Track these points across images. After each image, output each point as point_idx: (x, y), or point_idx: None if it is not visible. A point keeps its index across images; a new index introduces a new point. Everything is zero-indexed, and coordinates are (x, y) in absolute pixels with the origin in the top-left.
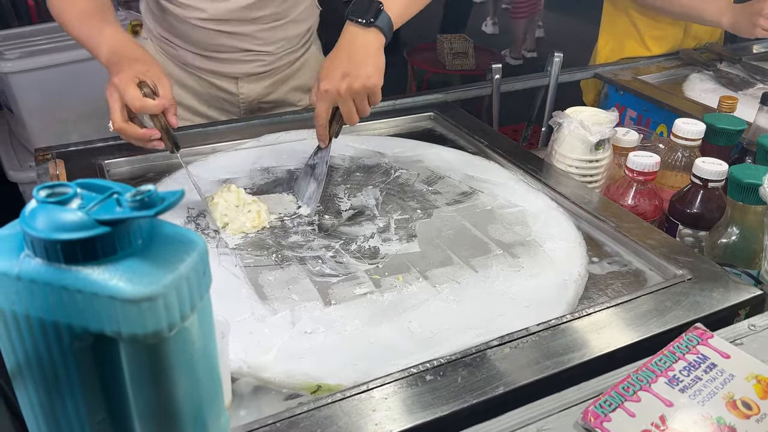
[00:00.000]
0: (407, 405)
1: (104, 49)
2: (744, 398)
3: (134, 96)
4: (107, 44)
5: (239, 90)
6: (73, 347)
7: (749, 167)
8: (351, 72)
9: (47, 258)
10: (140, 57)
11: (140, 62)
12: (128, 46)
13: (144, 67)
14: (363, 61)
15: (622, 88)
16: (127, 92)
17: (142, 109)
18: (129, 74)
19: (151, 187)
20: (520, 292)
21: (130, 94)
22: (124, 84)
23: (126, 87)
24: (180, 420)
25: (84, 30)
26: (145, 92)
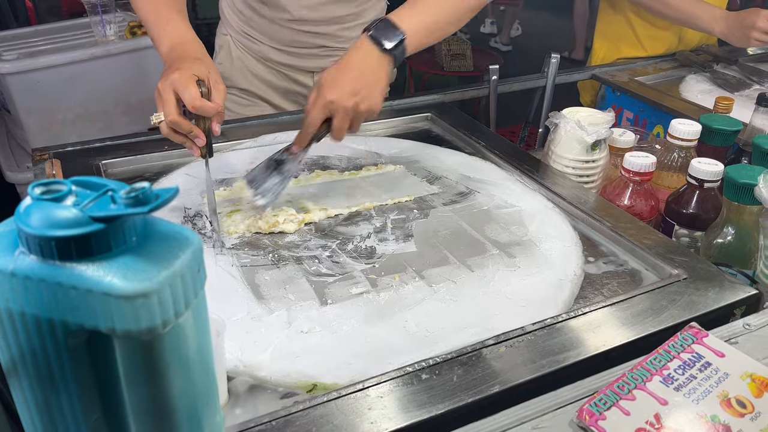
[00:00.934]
0: (403, 404)
1: (167, 42)
2: (738, 397)
3: (194, 94)
4: (171, 37)
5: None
6: (68, 344)
7: (745, 167)
8: (361, 92)
9: (42, 255)
10: (202, 57)
11: (202, 63)
12: (192, 44)
13: (205, 69)
14: (374, 84)
15: (619, 89)
16: (187, 89)
17: (200, 108)
18: (189, 72)
19: (146, 184)
20: (516, 291)
21: (191, 91)
22: (185, 80)
23: (187, 83)
24: (175, 417)
25: (153, 14)
26: (202, 92)
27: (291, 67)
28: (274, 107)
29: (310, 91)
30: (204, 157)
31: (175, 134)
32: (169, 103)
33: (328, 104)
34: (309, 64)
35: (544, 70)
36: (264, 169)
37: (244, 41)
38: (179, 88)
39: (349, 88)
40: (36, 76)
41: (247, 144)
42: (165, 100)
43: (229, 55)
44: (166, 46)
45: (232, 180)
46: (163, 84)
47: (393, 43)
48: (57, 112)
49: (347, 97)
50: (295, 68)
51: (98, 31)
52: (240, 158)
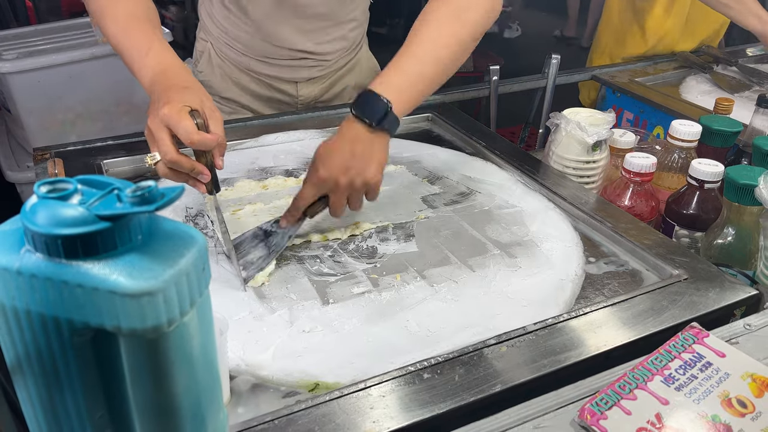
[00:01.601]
0: (405, 403)
1: (148, 73)
2: (739, 396)
3: (191, 128)
4: (152, 67)
5: (298, 93)
6: (73, 342)
7: (745, 168)
8: (354, 167)
9: (48, 253)
10: (191, 85)
11: (192, 91)
12: (177, 70)
13: (197, 97)
14: (367, 158)
15: (619, 90)
16: (181, 123)
17: (199, 142)
18: (180, 104)
19: (152, 183)
20: (517, 291)
21: (185, 125)
22: (177, 113)
23: (180, 117)
24: (179, 415)
25: (128, 40)
26: (198, 123)
27: (274, 77)
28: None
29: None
30: (211, 193)
31: (176, 174)
32: (164, 141)
33: (321, 181)
34: (292, 74)
35: (545, 71)
36: (252, 238)
37: (224, 49)
38: (172, 123)
39: (341, 165)
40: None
41: (248, 144)
42: (158, 139)
43: (209, 62)
44: (147, 78)
45: (233, 180)
46: (153, 121)
47: (377, 118)
48: (57, 112)
49: (340, 173)
50: (279, 78)
51: (98, 31)
52: (241, 158)
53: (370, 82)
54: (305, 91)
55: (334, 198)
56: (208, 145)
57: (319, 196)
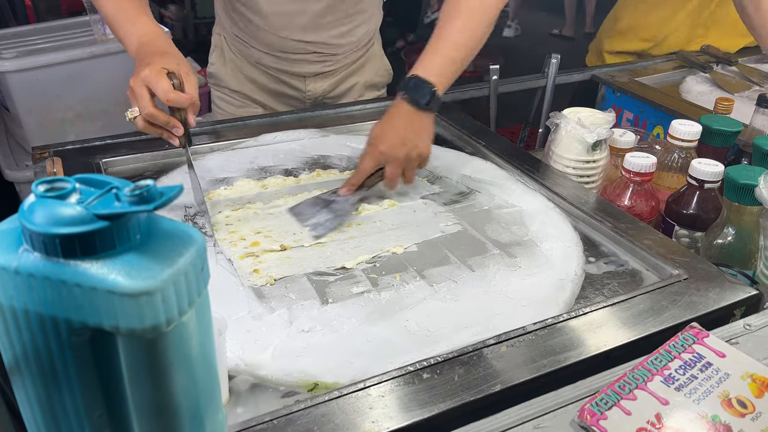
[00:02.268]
0: (404, 403)
1: (135, 40)
2: (739, 397)
3: (167, 87)
4: (139, 36)
5: (306, 87)
6: (71, 342)
7: (745, 168)
8: (409, 141)
9: (46, 252)
10: (170, 51)
11: (170, 56)
12: (159, 39)
13: (173, 61)
14: (421, 133)
15: (619, 89)
16: (159, 83)
17: (174, 100)
18: (159, 66)
19: (150, 182)
20: (517, 291)
21: (162, 85)
22: (156, 74)
23: (158, 78)
24: (177, 415)
25: (119, 14)
26: (174, 84)
27: (283, 71)
28: (266, 109)
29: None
30: (184, 146)
31: (152, 127)
32: (143, 97)
33: (380, 155)
34: (301, 69)
35: (545, 71)
36: (311, 205)
37: (236, 44)
38: (151, 82)
39: (398, 140)
40: (35, 74)
41: (247, 143)
42: (138, 95)
43: (222, 56)
44: (133, 45)
45: (232, 179)
46: (134, 81)
47: (426, 100)
48: (56, 111)
49: (398, 147)
50: (288, 72)
51: (98, 30)
52: (240, 157)
53: (415, 66)
54: (313, 86)
55: (391, 169)
56: (182, 103)
57: (377, 169)
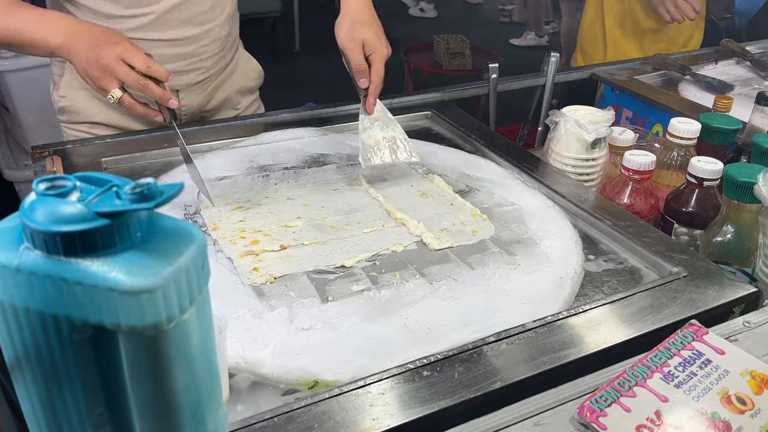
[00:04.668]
0: (404, 400)
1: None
2: (738, 394)
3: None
4: (65, 25)
5: (181, 102)
6: (72, 340)
7: (744, 166)
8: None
9: (47, 250)
10: (113, 31)
11: (117, 35)
12: (87, 23)
13: (128, 41)
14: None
15: (618, 88)
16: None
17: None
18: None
19: (151, 180)
20: (516, 288)
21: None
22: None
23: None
24: (178, 413)
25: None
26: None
27: None
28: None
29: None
30: (170, 123)
31: (139, 104)
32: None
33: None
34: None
35: (543, 69)
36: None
37: None
38: (127, 56)
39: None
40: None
41: (246, 142)
42: (119, 71)
43: (71, 84)
44: (60, 37)
45: (232, 178)
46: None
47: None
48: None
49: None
50: None
51: None
52: (240, 156)
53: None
54: (188, 101)
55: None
56: (162, 74)
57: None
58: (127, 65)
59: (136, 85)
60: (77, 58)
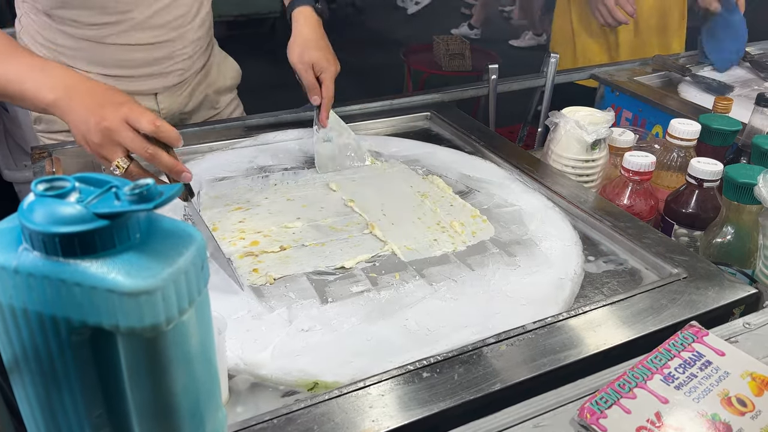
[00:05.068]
0: (404, 402)
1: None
2: (739, 395)
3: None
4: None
5: (160, 106)
6: (71, 341)
7: (744, 167)
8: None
9: (45, 251)
10: (116, 90)
11: (121, 94)
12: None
13: (134, 101)
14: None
15: (618, 89)
16: (144, 115)
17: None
18: (133, 103)
19: (150, 181)
20: (516, 290)
21: (148, 116)
22: (138, 108)
23: (141, 111)
24: (177, 414)
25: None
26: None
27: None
28: None
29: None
30: (186, 199)
31: (149, 175)
32: (134, 138)
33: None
34: (150, 85)
35: (543, 70)
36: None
37: None
38: (132, 117)
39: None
40: None
41: (246, 142)
42: (126, 137)
43: None
44: (54, 90)
45: (231, 179)
46: (111, 120)
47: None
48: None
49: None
50: (135, 93)
51: None
52: (239, 156)
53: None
54: (167, 104)
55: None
56: (171, 135)
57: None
58: (133, 129)
59: (143, 153)
60: (73, 118)
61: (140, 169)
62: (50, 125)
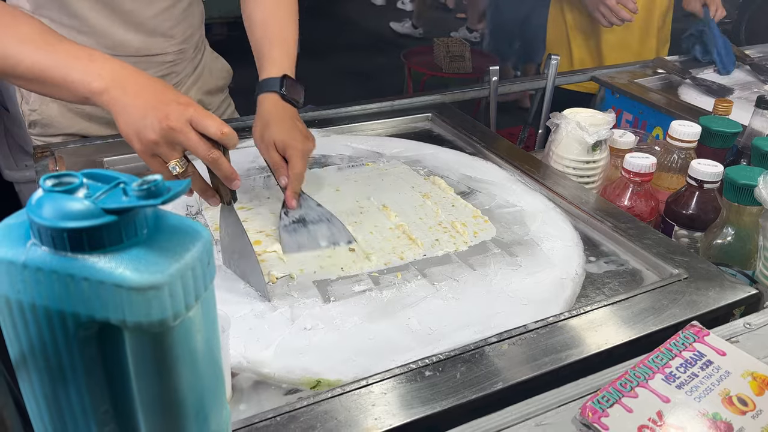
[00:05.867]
0: (406, 400)
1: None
2: (740, 395)
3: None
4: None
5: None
6: (78, 336)
7: (744, 168)
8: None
9: (54, 246)
10: (176, 90)
11: (183, 95)
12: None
13: (198, 104)
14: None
15: (618, 91)
16: (208, 118)
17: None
18: (198, 106)
19: (158, 177)
20: (518, 290)
21: (213, 120)
22: (204, 113)
23: (204, 113)
24: (183, 411)
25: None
26: None
27: None
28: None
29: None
30: (229, 203)
31: (200, 180)
32: (198, 141)
33: (308, 152)
34: None
35: (544, 72)
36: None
37: None
38: (197, 119)
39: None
40: None
41: (248, 143)
42: (191, 139)
43: (42, 97)
44: (103, 79)
45: None
46: (176, 120)
47: (302, 99)
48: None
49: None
50: None
51: None
52: (241, 157)
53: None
54: None
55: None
56: (233, 140)
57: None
58: (197, 132)
59: (206, 157)
60: (127, 112)
61: (196, 171)
62: (45, 129)
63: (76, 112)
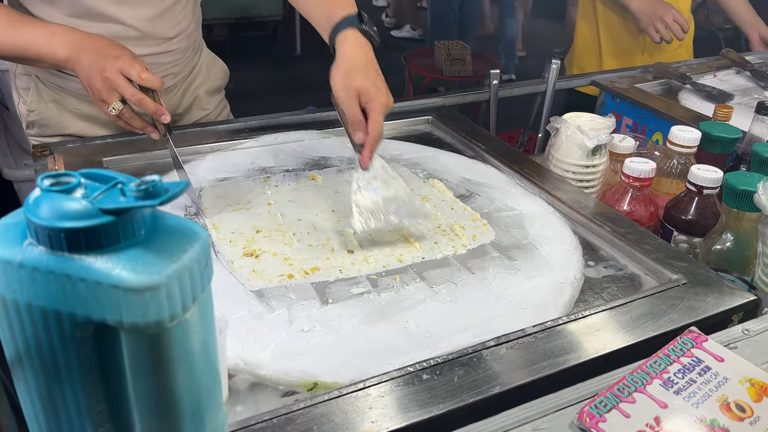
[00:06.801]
0: (404, 403)
1: (64, 43)
2: (738, 401)
3: (140, 68)
4: (68, 38)
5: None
6: (75, 336)
7: (744, 174)
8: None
9: (50, 246)
10: (115, 43)
11: (118, 48)
12: (90, 35)
13: (129, 54)
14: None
15: (619, 95)
16: (133, 66)
17: (149, 79)
18: (128, 55)
19: (156, 177)
20: (516, 293)
21: (136, 67)
22: (130, 61)
23: (132, 63)
24: (179, 412)
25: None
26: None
27: None
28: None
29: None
30: (164, 135)
31: (137, 118)
32: (127, 85)
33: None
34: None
35: (545, 76)
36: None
37: (53, 79)
38: (125, 68)
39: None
40: None
41: (248, 144)
42: (120, 85)
43: (39, 97)
44: (65, 48)
45: (233, 179)
46: (110, 71)
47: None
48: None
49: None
50: None
51: None
52: (241, 157)
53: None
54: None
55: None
56: (156, 84)
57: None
58: (126, 78)
59: (132, 99)
60: (82, 70)
61: (132, 112)
62: (43, 130)
63: (74, 113)
